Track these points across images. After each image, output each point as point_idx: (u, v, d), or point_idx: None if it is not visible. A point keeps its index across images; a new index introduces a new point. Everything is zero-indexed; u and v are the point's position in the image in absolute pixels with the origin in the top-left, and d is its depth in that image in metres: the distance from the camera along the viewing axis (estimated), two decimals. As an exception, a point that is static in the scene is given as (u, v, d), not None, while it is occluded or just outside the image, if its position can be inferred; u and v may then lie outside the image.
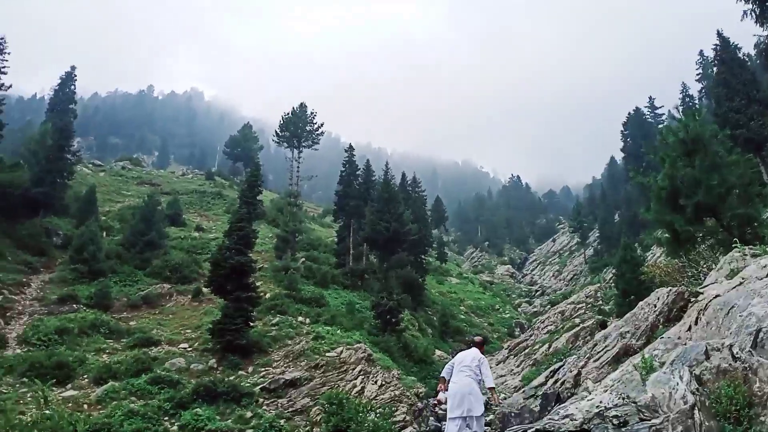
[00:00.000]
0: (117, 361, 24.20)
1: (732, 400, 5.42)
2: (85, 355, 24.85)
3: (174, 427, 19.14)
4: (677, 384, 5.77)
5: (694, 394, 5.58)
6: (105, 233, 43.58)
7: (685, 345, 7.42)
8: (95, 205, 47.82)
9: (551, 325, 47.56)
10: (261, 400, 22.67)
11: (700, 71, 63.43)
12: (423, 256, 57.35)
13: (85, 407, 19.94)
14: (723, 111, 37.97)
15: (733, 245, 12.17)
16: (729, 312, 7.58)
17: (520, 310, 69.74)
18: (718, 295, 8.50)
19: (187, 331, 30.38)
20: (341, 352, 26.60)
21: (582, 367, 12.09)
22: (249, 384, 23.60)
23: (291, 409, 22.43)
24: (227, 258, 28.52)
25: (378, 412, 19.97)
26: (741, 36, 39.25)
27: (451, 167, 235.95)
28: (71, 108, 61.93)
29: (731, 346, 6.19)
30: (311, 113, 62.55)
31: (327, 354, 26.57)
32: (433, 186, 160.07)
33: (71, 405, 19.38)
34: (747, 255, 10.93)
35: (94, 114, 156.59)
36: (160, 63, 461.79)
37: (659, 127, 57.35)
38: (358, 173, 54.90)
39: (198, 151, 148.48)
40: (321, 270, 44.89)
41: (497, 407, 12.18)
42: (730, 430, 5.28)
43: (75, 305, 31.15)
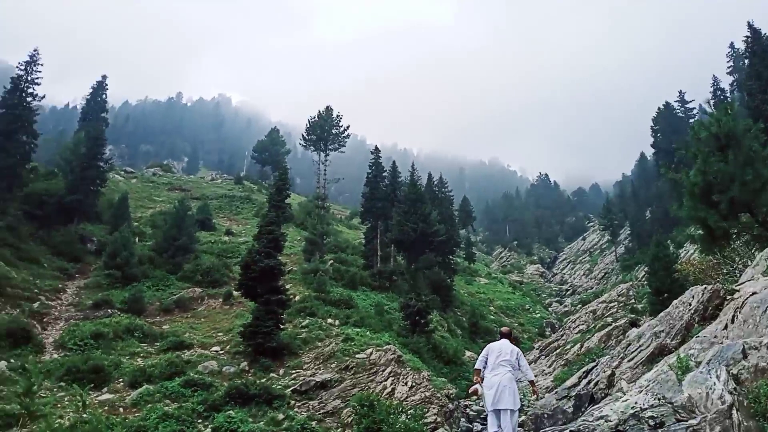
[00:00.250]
0: (151, 365, 24.57)
1: (771, 399, 5.31)
2: (120, 359, 25.29)
3: (207, 430, 19.37)
4: (714, 384, 5.67)
5: (731, 393, 5.47)
6: (137, 239, 44.43)
7: (722, 344, 7.27)
8: (128, 212, 48.79)
9: (583, 325, 46.99)
10: (292, 402, 22.80)
11: (731, 64, 62.08)
12: (451, 256, 57.12)
13: (121, 410, 20.31)
14: (756, 104, 37.12)
15: (770, 241, 11.90)
16: (767, 310, 7.41)
17: (550, 309, 69.05)
18: (755, 293, 8.31)
19: (219, 334, 30.74)
20: (371, 353, 26.60)
21: (616, 368, 11.93)
22: (280, 386, 23.77)
23: (322, 411, 22.52)
24: (257, 261, 28.75)
25: (409, 413, 19.93)
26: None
27: (478, 166, 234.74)
28: (103, 117, 63.47)
29: (770, 344, 6.06)
30: (337, 116, 62.85)
31: (357, 356, 26.60)
32: (460, 186, 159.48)
33: (107, 408, 19.76)
34: (785, 251, 10.67)
35: (125, 122, 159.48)
36: (187, 70, 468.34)
37: (690, 122, 56.47)
38: (384, 175, 54.95)
39: (227, 156, 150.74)
40: (349, 272, 45.01)
41: (537, 400, 12.16)
42: (770, 430, 5.17)
43: (110, 310, 31.73)
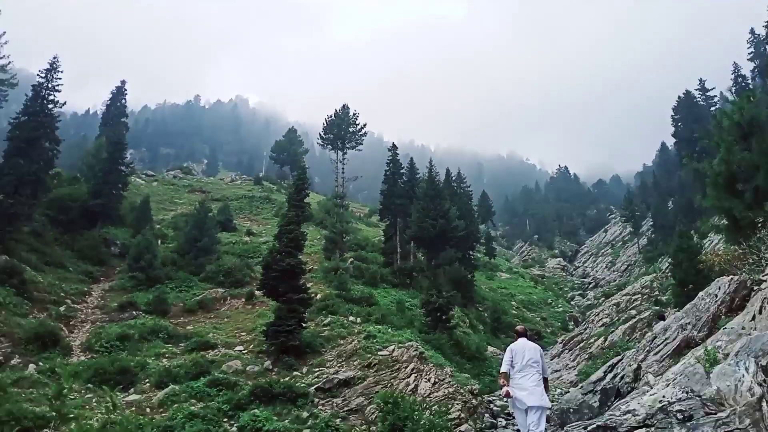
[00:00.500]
0: (176, 365, 24.81)
1: (803, 391, 5.22)
2: (146, 360, 25.57)
3: (233, 429, 19.52)
4: (743, 376, 5.58)
5: (761, 385, 5.39)
6: (160, 241, 44.92)
7: (750, 335, 7.16)
8: (150, 214, 49.39)
9: (606, 318, 46.62)
10: (316, 400, 22.87)
11: (751, 50, 60.89)
12: (471, 252, 56.95)
13: (148, 411, 20.55)
14: (779, 90, 36.48)
15: (797, 229, 11.69)
16: (796, 300, 7.28)
17: (573, 303, 68.63)
18: (783, 283, 8.17)
19: (242, 334, 30.97)
20: (393, 350, 26.60)
21: (642, 361, 11.81)
22: (304, 384, 23.88)
23: (346, 409, 22.57)
24: (278, 261, 28.89)
25: (433, 409, 19.92)
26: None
27: (496, 161, 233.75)
28: (123, 121, 64.37)
29: (800, 335, 5.96)
30: (354, 114, 62.83)
31: (379, 353, 26.61)
32: (479, 181, 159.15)
33: (135, 409, 20.00)
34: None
35: (145, 126, 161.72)
36: (205, 73, 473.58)
37: (712, 111, 55.62)
38: (402, 172, 54.87)
39: (246, 158, 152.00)
40: (370, 269, 45.06)
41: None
42: (802, 422, 5.07)
43: (134, 312, 32.11)
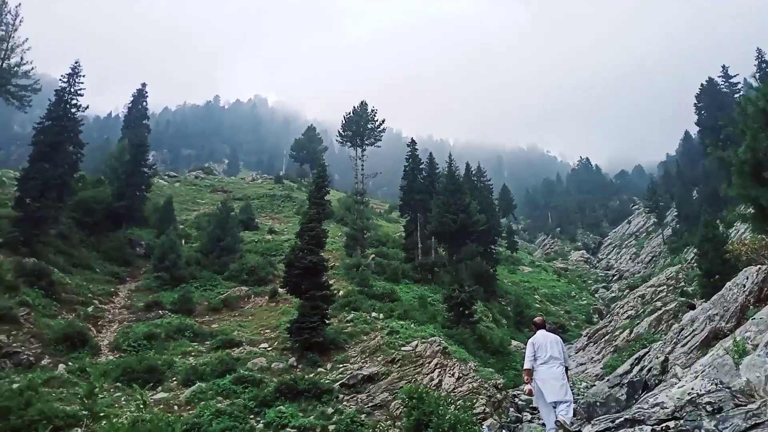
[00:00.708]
0: (203, 363, 25.12)
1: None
2: (173, 359, 25.93)
3: (260, 425, 19.73)
4: (774, 367, 5.50)
5: (793, 376, 5.31)
6: (184, 241, 45.48)
7: (780, 325, 7.05)
8: (173, 215, 50.02)
9: (631, 310, 46.14)
10: (341, 396, 23.01)
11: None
12: (493, 246, 56.68)
13: (176, 408, 20.86)
14: (806, 75, 35.69)
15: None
16: (827, 289, 7.15)
17: (597, 295, 67.99)
18: (813, 271, 8.02)
19: (267, 331, 31.24)
20: (416, 345, 26.64)
21: (669, 353, 11.68)
22: (328, 380, 24.02)
23: (370, 404, 22.66)
24: (300, 258, 29.09)
25: (458, 404, 19.92)
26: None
27: (517, 153, 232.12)
28: (145, 123, 65.07)
29: (832, 324, 5.85)
30: (372, 111, 62.83)
31: (402, 348, 26.67)
32: (499, 174, 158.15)
33: (163, 407, 20.32)
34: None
35: (166, 128, 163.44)
36: (223, 73, 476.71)
37: (736, 98, 54.54)
38: (421, 167, 54.76)
39: (266, 156, 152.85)
40: (391, 265, 45.12)
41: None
42: (835, 413, 4.99)
43: (160, 311, 32.57)
